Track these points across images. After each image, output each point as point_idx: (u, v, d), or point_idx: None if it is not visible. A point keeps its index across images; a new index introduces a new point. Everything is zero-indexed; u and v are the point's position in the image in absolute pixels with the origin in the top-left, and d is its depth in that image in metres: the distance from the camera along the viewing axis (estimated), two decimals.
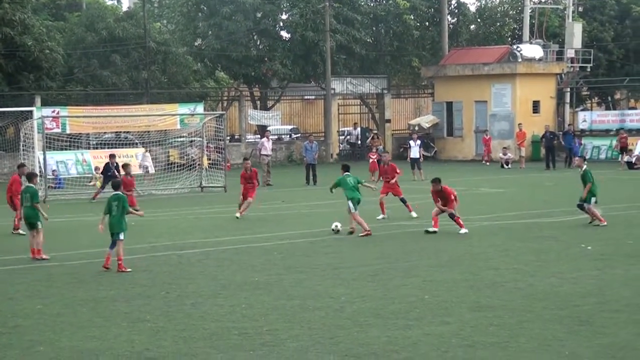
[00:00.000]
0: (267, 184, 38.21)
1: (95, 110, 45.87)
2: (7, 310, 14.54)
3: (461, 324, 13.17)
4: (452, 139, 55.52)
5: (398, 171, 26.13)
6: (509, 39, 65.58)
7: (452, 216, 22.65)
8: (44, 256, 19.74)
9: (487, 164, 49.75)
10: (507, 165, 47.90)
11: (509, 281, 16.37)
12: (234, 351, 11.90)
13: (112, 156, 34.88)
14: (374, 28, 61.52)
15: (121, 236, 18.29)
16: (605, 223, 23.15)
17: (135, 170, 40.68)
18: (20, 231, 23.50)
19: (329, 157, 54.39)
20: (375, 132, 52.79)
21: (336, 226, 23.05)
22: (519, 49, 53.64)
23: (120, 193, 18.97)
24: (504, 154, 48.72)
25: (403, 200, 25.91)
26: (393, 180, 25.78)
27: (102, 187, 34.12)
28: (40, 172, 35.24)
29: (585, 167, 23.96)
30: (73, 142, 43.22)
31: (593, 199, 23.65)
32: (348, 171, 23.15)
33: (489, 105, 53.62)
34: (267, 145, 41.74)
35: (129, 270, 17.95)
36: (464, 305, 14.36)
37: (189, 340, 12.43)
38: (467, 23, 67.00)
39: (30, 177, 21.09)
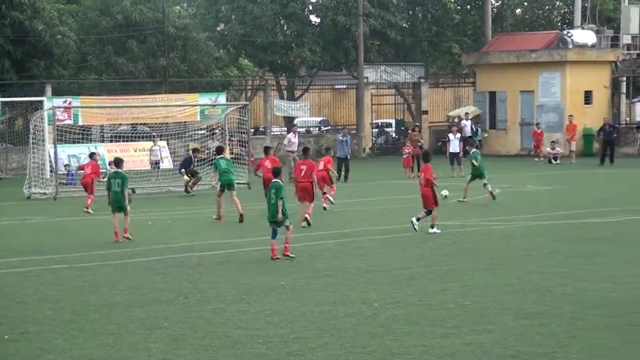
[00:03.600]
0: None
1: (109, 101, 46.10)
2: (16, 315, 14.65)
3: (504, 332, 13.12)
4: (495, 132, 55.26)
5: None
6: (559, 23, 65.17)
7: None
8: (129, 236, 22.24)
9: (537, 159, 49.27)
10: (556, 160, 47.61)
11: (557, 286, 16.28)
12: None
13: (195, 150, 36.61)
14: (410, 12, 61.43)
15: (286, 222, 19.33)
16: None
17: (146, 166, 41.15)
18: (90, 210, 28.44)
19: (361, 152, 54.38)
20: (417, 124, 52.62)
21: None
22: (569, 35, 53.24)
23: (279, 181, 19.57)
24: (552, 149, 48.42)
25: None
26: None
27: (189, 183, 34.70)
28: (50, 167, 35.39)
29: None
30: (86, 134, 43.49)
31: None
32: (221, 153, 26.94)
33: (536, 95, 53.35)
34: (294, 140, 41.74)
35: (293, 256, 19.35)
36: (508, 313, 14.31)
37: (210, 349, 12.48)
38: (512, 6, 66.67)
39: (118, 162, 23.52)
